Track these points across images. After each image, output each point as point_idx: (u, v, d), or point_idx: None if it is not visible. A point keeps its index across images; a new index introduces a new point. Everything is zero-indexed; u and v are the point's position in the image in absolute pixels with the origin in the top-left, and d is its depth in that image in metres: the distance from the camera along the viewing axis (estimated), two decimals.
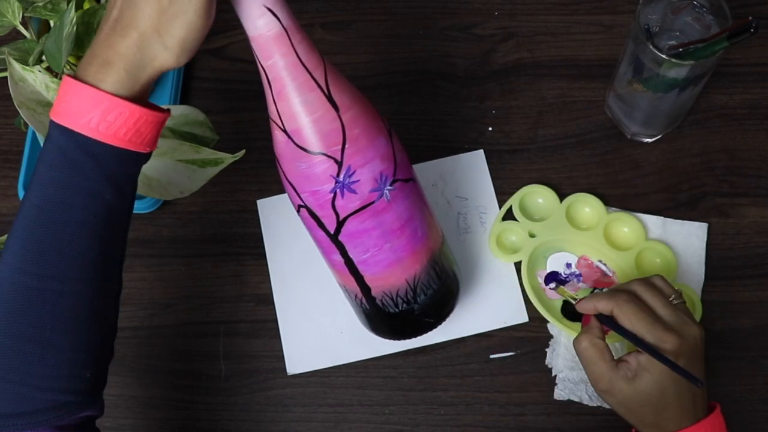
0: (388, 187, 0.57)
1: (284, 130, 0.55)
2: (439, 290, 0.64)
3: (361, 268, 0.60)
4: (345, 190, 0.56)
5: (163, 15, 0.50)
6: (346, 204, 0.56)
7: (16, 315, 0.50)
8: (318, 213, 0.57)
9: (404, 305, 0.63)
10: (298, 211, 0.59)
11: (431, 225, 0.63)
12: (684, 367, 0.58)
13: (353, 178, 0.55)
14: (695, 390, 0.60)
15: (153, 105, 0.54)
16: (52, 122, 0.51)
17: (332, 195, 0.56)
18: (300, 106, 0.54)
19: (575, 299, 0.65)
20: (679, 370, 0.58)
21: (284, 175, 0.57)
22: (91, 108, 0.50)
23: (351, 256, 0.59)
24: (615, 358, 0.61)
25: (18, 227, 0.51)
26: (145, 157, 0.54)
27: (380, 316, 0.65)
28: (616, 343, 0.72)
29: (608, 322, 0.61)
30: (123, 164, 0.52)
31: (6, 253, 0.51)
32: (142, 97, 0.53)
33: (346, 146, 0.55)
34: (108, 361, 0.57)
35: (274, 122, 0.55)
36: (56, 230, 0.51)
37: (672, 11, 0.69)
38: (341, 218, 0.57)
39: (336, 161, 0.55)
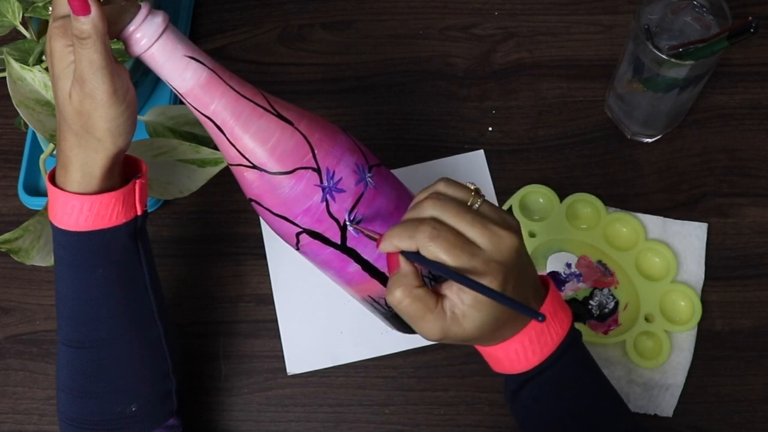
0: (369, 175, 0.58)
1: (253, 166, 0.55)
2: None
3: (379, 266, 0.60)
4: (333, 192, 0.56)
5: (80, 116, 0.53)
6: (341, 206, 0.56)
7: (62, 373, 0.62)
8: (319, 229, 0.57)
9: (432, 283, 0.62)
10: (298, 243, 0.59)
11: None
12: (515, 288, 0.51)
13: (336, 178, 0.56)
14: (528, 286, 0.53)
15: (131, 174, 0.60)
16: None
17: (324, 203, 0.56)
18: (258, 135, 0.54)
19: (376, 238, 0.53)
20: (512, 303, 0.49)
21: (270, 212, 0.57)
22: (62, 206, 0.57)
23: (365, 257, 0.59)
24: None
25: (57, 306, 0.61)
26: (129, 225, 0.59)
27: None
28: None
29: (417, 258, 0.50)
30: (104, 241, 0.58)
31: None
32: (110, 180, 0.57)
33: (316, 152, 0.55)
34: (168, 387, 0.64)
35: (240, 165, 0.55)
36: (74, 305, 0.60)
37: (672, 11, 0.69)
38: (342, 223, 0.57)
39: (314, 169, 0.55)
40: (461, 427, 0.73)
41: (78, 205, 0.56)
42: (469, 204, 0.51)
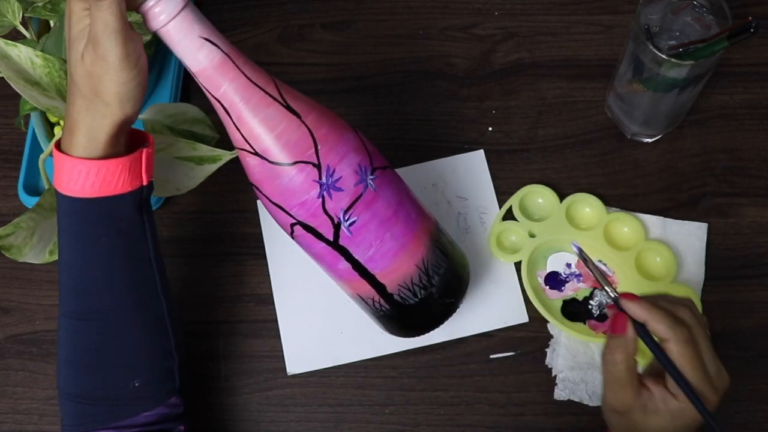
0: (371, 177, 0.58)
1: (255, 153, 0.55)
2: (450, 267, 0.64)
3: (370, 267, 0.60)
4: (331, 190, 0.56)
5: (90, 78, 0.53)
6: (337, 204, 0.56)
7: (64, 346, 0.61)
8: (313, 224, 0.57)
9: (422, 292, 0.62)
10: (292, 233, 0.59)
11: (421, 206, 0.64)
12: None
13: (335, 176, 0.56)
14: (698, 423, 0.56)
15: (136, 144, 0.59)
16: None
17: (321, 199, 0.56)
18: (263, 124, 0.54)
19: (611, 294, 0.56)
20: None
21: (268, 199, 0.57)
22: (68, 172, 0.56)
23: (357, 257, 0.59)
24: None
25: (60, 279, 0.60)
26: (135, 195, 0.58)
27: (403, 313, 0.63)
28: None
29: (649, 340, 0.54)
30: (109, 208, 0.58)
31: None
32: (115, 147, 0.57)
33: (319, 147, 0.55)
34: (171, 365, 0.63)
35: (243, 149, 0.56)
36: (77, 276, 0.59)
37: (672, 11, 0.70)
38: (336, 221, 0.57)
39: (314, 165, 0.55)
40: (461, 427, 0.73)
41: (84, 170, 0.56)
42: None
